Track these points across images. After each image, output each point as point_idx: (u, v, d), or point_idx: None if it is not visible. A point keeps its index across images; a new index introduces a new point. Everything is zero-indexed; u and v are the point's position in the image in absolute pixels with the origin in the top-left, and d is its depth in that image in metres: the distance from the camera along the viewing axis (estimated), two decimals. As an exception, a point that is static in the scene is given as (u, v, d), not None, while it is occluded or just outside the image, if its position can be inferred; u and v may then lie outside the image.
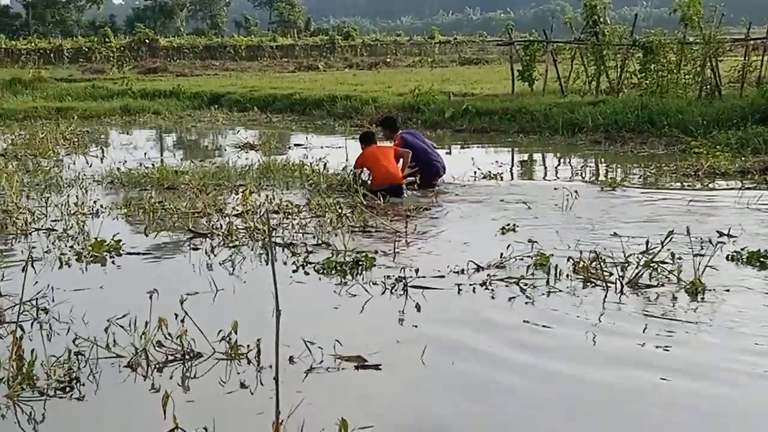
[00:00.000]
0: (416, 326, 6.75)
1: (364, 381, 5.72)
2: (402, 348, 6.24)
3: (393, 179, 12.34)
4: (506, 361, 5.96)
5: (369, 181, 12.47)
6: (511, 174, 14.95)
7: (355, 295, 7.52)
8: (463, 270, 8.10)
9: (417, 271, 7.83)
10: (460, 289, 7.55)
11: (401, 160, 12.83)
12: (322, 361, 5.89)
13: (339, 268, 8.28)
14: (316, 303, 7.47)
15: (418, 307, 7.15)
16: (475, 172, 14.06)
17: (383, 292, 7.56)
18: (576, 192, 11.41)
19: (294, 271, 8.33)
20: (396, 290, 7.58)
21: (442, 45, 76.66)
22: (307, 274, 8.27)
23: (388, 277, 7.90)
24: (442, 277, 7.94)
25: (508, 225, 9.96)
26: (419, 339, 6.26)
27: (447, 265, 8.21)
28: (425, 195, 12.61)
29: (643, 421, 5.11)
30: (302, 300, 7.46)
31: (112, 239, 9.19)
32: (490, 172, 14.16)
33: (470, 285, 7.69)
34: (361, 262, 8.37)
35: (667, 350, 6.08)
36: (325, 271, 8.26)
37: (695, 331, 6.45)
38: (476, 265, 8.15)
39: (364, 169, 12.58)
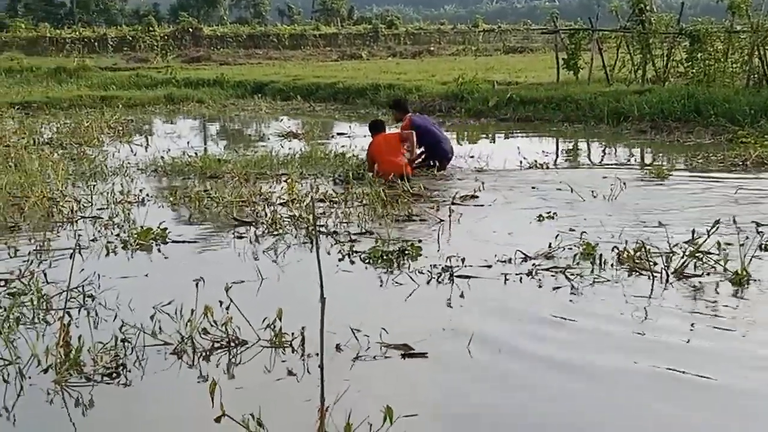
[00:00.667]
0: (463, 316, 6.71)
1: (410, 369, 5.70)
2: (448, 337, 6.21)
3: (397, 170, 12.48)
4: (552, 354, 5.90)
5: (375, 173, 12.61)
6: (556, 163, 14.80)
7: (401, 284, 7.48)
8: (510, 259, 8.04)
9: (463, 260, 7.79)
10: (506, 279, 7.50)
11: (407, 143, 13.07)
12: (368, 349, 5.89)
13: (385, 257, 8.25)
14: (362, 291, 7.47)
15: (464, 296, 7.11)
16: (521, 162, 13.99)
17: (429, 281, 7.53)
18: (623, 181, 11.30)
19: (340, 260, 8.32)
20: (442, 279, 7.54)
21: (486, 33, 76.10)
22: (353, 263, 8.25)
23: (435, 266, 7.85)
24: (489, 266, 7.88)
25: (549, 213, 9.99)
26: (466, 328, 6.21)
27: (494, 255, 8.15)
28: (438, 177, 13.06)
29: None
30: (348, 288, 7.46)
31: (158, 227, 9.25)
32: (536, 161, 14.06)
33: (516, 275, 7.64)
34: (407, 251, 8.34)
35: (712, 344, 6.01)
36: (371, 260, 8.24)
37: (741, 325, 6.36)
38: (523, 254, 8.09)
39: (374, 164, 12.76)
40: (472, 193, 11.43)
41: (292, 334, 6.01)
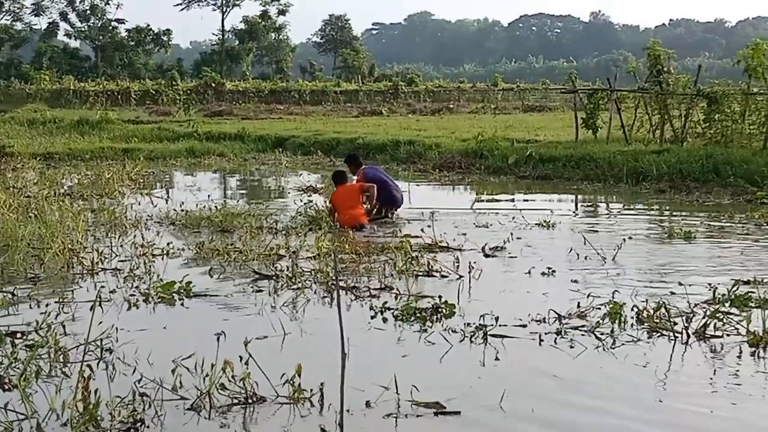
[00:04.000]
0: (496, 375, 6.68)
1: (443, 428, 5.67)
2: (480, 395, 6.17)
3: (355, 221, 13.50)
4: (585, 410, 5.90)
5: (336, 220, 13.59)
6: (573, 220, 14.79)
7: (433, 343, 7.43)
8: (544, 319, 7.99)
9: (497, 319, 7.73)
10: (542, 340, 7.45)
11: (367, 195, 14.15)
12: (398, 407, 5.85)
13: (419, 314, 8.20)
14: (394, 349, 7.42)
15: (498, 357, 7.07)
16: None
17: (462, 340, 7.47)
18: (637, 239, 11.29)
19: (372, 317, 8.28)
20: (476, 339, 7.49)
21: (505, 92, 76.45)
22: (385, 320, 8.19)
23: (468, 324, 7.79)
24: (524, 326, 7.84)
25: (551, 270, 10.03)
26: (498, 387, 6.16)
27: (528, 314, 8.10)
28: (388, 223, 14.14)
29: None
30: (380, 346, 7.46)
31: (182, 281, 9.25)
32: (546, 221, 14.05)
33: (546, 333, 7.61)
34: (440, 309, 8.30)
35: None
36: (403, 318, 8.18)
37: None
38: (556, 314, 8.03)
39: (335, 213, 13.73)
40: (501, 245, 11.62)
41: (311, 390, 5.96)
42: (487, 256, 11.25)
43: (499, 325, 7.67)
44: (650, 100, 23.40)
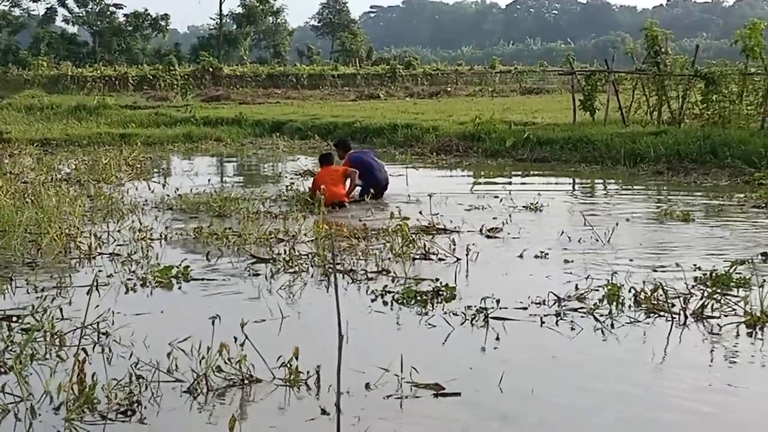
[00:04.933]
0: (496, 357, 6.70)
1: (443, 408, 5.68)
2: (480, 377, 6.20)
3: (335, 198, 14.12)
4: (585, 391, 5.94)
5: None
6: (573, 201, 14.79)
7: (434, 326, 7.43)
8: (544, 301, 7.98)
9: (498, 302, 7.73)
10: (543, 322, 7.44)
11: (349, 179, 14.77)
12: (400, 388, 5.86)
13: (419, 298, 8.20)
14: (395, 332, 7.44)
15: (499, 339, 7.07)
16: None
17: (463, 323, 7.47)
18: (635, 221, 11.29)
19: (373, 300, 8.26)
20: (477, 321, 7.48)
21: (502, 74, 76.35)
22: (386, 303, 8.18)
23: (469, 307, 7.78)
24: (525, 308, 7.83)
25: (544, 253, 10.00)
26: (498, 368, 6.17)
27: (528, 296, 8.09)
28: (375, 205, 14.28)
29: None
30: (381, 329, 7.47)
31: (180, 265, 9.25)
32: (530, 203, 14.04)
33: (545, 315, 7.60)
34: (441, 292, 8.30)
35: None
36: (404, 301, 8.17)
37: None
38: (556, 296, 8.02)
39: (322, 187, 13.59)
40: (498, 227, 11.70)
41: (308, 372, 5.98)
42: (488, 237, 11.30)
43: (500, 308, 7.67)
44: (648, 81, 23.41)
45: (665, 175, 17.91)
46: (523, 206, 13.62)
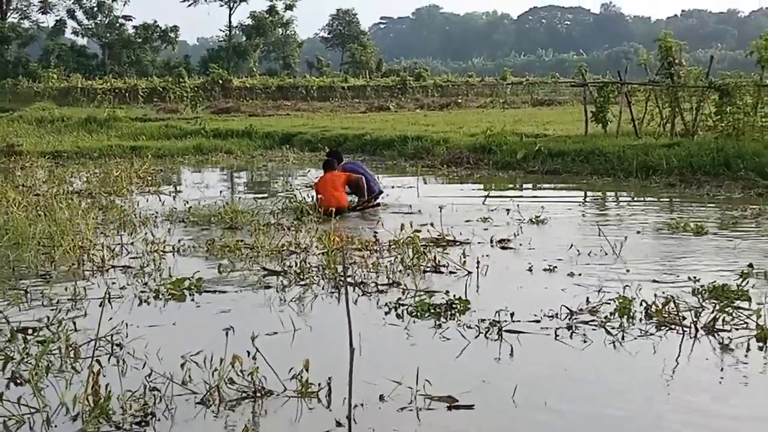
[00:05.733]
0: (510, 369, 6.72)
1: (457, 421, 5.69)
2: (494, 390, 6.21)
3: (336, 203, 14.34)
4: (597, 403, 5.93)
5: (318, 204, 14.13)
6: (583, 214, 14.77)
7: (448, 339, 7.44)
8: (556, 314, 7.97)
9: (512, 315, 7.72)
10: (557, 336, 7.44)
11: (357, 184, 15.32)
12: (414, 400, 5.87)
13: (433, 310, 8.19)
14: (408, 345, 7.44)
15: (512, 352, 7.06)
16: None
17: (477, 336, 7.47)
18: (646, 233, 11.27)
19: (386, 314, 8.26)
20: (491, 334, 7.47)
21: (513, 86, 76.36)
22: (399, 316, 8.18)
23: (483, 320, 7.78)
24: (538, 321, 7.82)
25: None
26: (511, 381, 6.19)
27: (541, 309, 8.09)
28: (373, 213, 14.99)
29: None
30: (394, 342, 7.47)
31: (193, 277, 9.28)
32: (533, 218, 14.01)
33: (557, 328, 7.60)
34: (455, 305, 8.29)
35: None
36: (418, 314, 8.17)
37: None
38: (568, 309, 8.01)
39: (319, 197, 14.43)
40: (508, 238, 11.80)
41: (319, 384, 5.99)
42: (500, 248, 11.35)
43: (513, 321, 7.67)
44: (661, 93, 23.33)
45: (678, 188, 17.86)
46: (533, 218, 13.59)
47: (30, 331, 7.47)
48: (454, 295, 8.40)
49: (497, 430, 5.63)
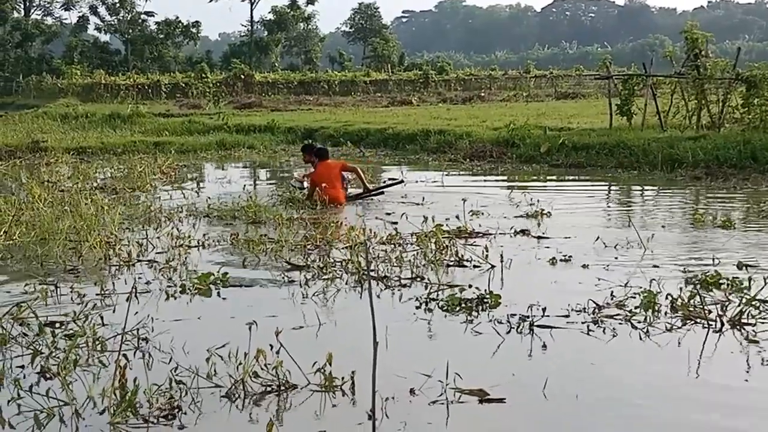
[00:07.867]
0: (540, 363, 6.71)
1: (488, 414, 5.71)
2: (524, 383, 6.22)
3: (335, 201, 14.73)
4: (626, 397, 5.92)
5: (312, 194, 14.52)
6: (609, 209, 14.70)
7: (480, 333, 7.44)
8: (584, 308, 7.95)
9: (544, 310, 7.71)
10: (590, 330, 7.41)
11: (353, 173, 15.82)
12: (444, 393, 5.87)
13: (464, 305, 8.19)
14: (437, 339, 7.43)
15: (546, 346, 7.06)
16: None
17: (509, 331, 7.45)
18: (671, 227, 11.22)
19: (417, 308, 8.25)
20: (522, 329, 7.45)
21: (537, 79, 76.08)
22: (430, 311, 8.17)
23: (513, 315, 7.77)
24: (567, 315, 7.80)
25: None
26: (542, 375, 6.18)
27: (567, 303, 8.06)
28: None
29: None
30: (422, 336, 7.47)
31: (219, 272, 9.32)
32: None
33: (583, 323, 7.59)
34: (486, 299, 8.28)
35: None
36: (449, 308, 8.17)
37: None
38: (595, 303, 7.98)
39: (323, 185, 14.69)
40: (530, 231, 11.93)
41: (342, 378, 6.01)
42: (522, 238, 11.44)
43: (542, 316, 7.66)
44: (687, 85, 23.13)
45: (704, 181, 17.74)
46: (557, 211, 13.55)
47: (58, 325, 7.54)
48: (485, 290, 8.38)
49: (528, 423, 5.64)
